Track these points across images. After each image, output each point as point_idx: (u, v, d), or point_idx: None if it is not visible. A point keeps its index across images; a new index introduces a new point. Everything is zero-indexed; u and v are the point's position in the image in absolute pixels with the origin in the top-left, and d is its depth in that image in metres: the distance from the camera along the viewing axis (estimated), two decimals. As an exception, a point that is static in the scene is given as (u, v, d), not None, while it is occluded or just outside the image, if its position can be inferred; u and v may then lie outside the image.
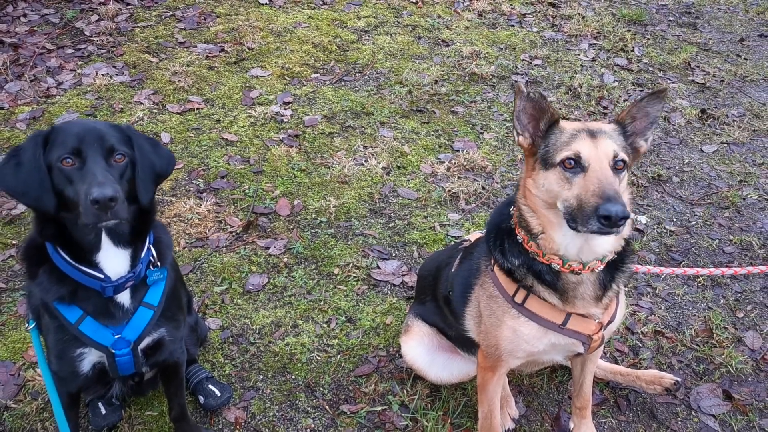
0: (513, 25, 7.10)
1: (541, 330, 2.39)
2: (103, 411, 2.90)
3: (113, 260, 2.23)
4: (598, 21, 7.24)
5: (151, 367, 2.60)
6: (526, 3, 7.62)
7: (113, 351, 2.30)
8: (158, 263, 2.39)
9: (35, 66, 5.68)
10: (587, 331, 2.38)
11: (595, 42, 6.86)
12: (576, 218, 2.09)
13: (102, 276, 2.21)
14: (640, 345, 3.52)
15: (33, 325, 2.46)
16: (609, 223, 1.99)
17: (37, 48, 5.91)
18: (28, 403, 3.04)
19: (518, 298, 2.39)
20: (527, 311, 2.38)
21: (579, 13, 7.40)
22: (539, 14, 7.40)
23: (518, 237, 2.35)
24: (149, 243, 2.36)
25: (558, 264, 2.26)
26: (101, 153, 2.12)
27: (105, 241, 2.21)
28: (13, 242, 3.94)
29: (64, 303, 2.22)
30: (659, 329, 3.61)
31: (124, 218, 2.12)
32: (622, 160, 2.17)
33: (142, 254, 2.31)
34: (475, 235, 2.89)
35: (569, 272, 2.27)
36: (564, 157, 2.16)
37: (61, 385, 2.42)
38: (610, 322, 2.46)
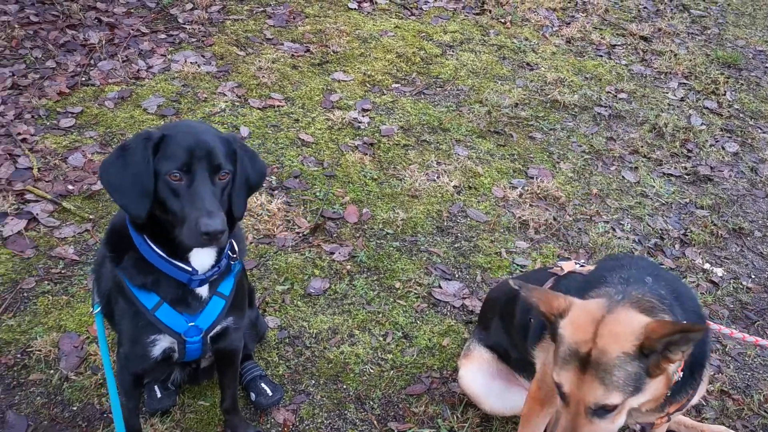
0: (601, 56, 6.95)
1: None
2: (159, 395, 2.96)
3: (203, 257, 2.29)
4: (690, 60, 7.01)
5: (213, 354, 2.65)
6: (617, 34, 7.45)
7: (185, 339, 2.35)
8: (237, 257, 2.44)
9: (128, 47, 5.87)
10: None
11: (685, 81, 6.64)
12: None
13: (190, 269, 2.26)
14: (704, 404, 3.36)
15: (98, 309, 2.52)
16: None
17: (132, 30, 6.11)
18: (88, 377, 3.12)
19: None
20: None
21: (671, 50, 7.19)
22: (629, 47, 7.22)
23: None
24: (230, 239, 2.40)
25: None
26: (209, 171, 2.14)
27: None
28: (90, 217, 4.06)
29: (145, 290, 2.27)
30: (726, 389, 3.45)
31: (226, 245, 2.22)
32: (603, 407, 1.98)
33: (225, 249, 2.36)
34: (569, 265, 2.79)
35: None
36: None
37: (129, 365, 2.48)
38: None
